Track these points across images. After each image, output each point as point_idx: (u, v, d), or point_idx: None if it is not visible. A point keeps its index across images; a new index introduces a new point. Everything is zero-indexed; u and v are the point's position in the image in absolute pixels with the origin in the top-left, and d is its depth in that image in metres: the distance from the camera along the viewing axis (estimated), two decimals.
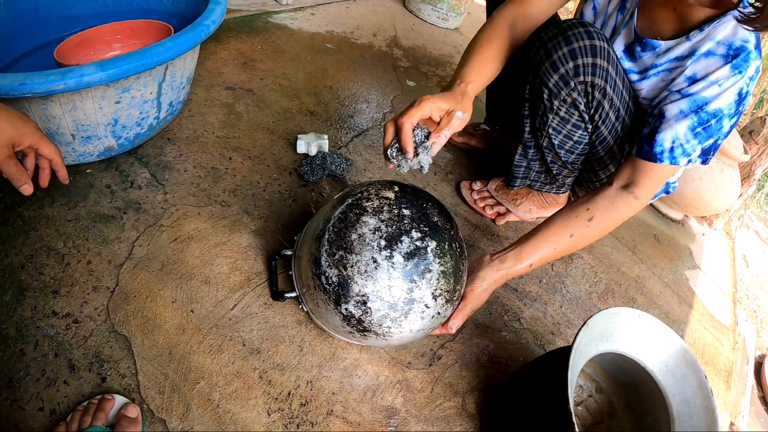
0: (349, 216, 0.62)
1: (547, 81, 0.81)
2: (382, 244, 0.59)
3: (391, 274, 0.59)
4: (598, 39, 0.75)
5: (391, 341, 0.65)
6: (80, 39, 0.95)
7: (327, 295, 0.62)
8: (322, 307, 0.65)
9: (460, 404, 0.76)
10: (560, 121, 0.86)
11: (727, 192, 1.41)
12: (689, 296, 1.27)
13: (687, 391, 0.70)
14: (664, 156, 0.74)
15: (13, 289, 0.66)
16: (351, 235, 0.61)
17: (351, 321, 0.62)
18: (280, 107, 1.17)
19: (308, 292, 0.68)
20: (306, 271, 0.66)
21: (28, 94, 0.65)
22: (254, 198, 0.92)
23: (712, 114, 0.71)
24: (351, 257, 0.60)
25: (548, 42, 0.79)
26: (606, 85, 0.78)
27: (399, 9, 2.02)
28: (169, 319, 0.70)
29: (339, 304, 0.62)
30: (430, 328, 0.66)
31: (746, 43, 0.70)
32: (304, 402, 0.68)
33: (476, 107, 1.55)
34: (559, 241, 0.74)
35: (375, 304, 0.60)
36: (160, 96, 0.87)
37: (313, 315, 0.72)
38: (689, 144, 0.73)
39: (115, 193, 0.83)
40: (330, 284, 0.61)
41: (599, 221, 0.75)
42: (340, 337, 0.71)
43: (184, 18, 1.04)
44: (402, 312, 0.60)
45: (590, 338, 0.68)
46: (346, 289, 0.60)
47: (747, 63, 0.70)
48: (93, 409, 0.57)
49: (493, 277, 0.73)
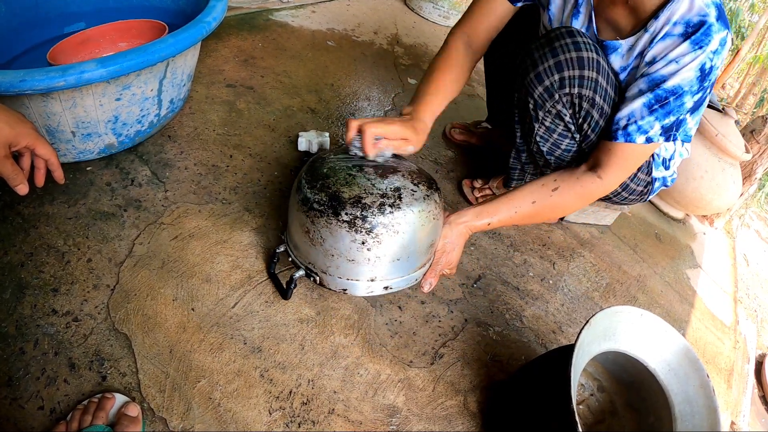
0: (315, 163, 0.70)
1: (532, 92, 0.80)
2: (352, 164, 0.69)
3: (370, 178, 0.67)
4: (587, 50, 0.74)
5: (405, 236, 0.66)
6: (73, 42, 0.94)
7: (325, 216, 0.64)
8: (328, 240, 0.65)
9: (461, 403, 0.76)
10: (546, 131, 0.86)
11: (729, 191, 1.41)
12: (690, 295, 1.27)
13: (689, 390, 0.69)
14: (618, 133, 0.75)
15: (12, 287, 0.66)
16: (323, 168, 0.68)
17: (356, 223, 0.63)
18: (281, 105, 1.16)
19: (309, 244, 0.68)
20: (299, 225, 0.68)
21: (29, 91, 0.64)
22: (255, 196, 0.92)
23: (670, 91, 0.71)
24: (330, 179, 0.66)
25: (534, 52, 0.79)
26: (595, 95, 0.77)
27: (400, 7, 2.01)
28: (170, 318, 0.69)
29: (338, 214, 0.63)
30: (429, 213, 0.68)
31: (705, 16, 0.68)
32: (305, 401, 0.67)
33: (477, 105, 1.55)
34: (521, 206, 0.77)
35: (368, 198, 0.64)
36: (161, 93, 0.86)
37: (325, 274, 0.70)
38: (644, 120, 0.73)
39: (116, 191, 0.82)
40: (323, 204, 0.64)
41: (562, 194, 0.78)
42: (360, 276, 0.69)
43: (184, 15, 1.04)
44: (395, 197, 0.66)
45: (593, 337, 0.68)
46: (337, 199, 0.64)
47: (708, 37, 0.67)
48: (93, 408, 0.57)
49: (455, 232, 0.75)
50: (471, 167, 1.25)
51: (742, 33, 2.89)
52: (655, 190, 0.97)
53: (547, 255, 1.11)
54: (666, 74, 0.71)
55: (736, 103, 3.17)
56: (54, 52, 0.89)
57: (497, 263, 1.02)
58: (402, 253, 0.67)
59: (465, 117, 1.42)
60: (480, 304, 0.92)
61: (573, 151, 0.88)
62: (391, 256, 0.66)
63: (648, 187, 0.95)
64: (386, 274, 0.69)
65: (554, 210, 0.79)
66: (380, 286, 0.70)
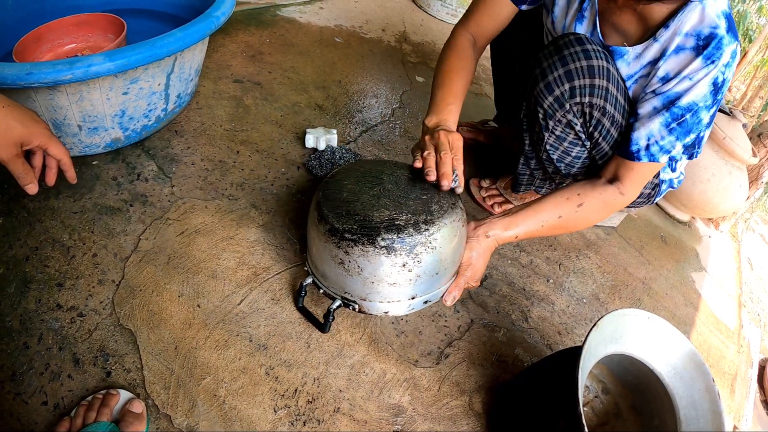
0: (329, 188, 0.67)
1: (542, 102, 0.79)
2: (367, 182, 0.68)
3: (393, 194, 0.66)
4: (597, 58, 0.73)
5: (442, 250, 0.64)
6: (31, 38, 0.92)
7: (360, 245, 0.61)
8: (366, 269, 0.62)
9: (467, 403, 0.75)
10: (556, 139, 0.85)
11: (735, 195, 1.40)
12: (695, 298, 1.27)
13: (694, 393, 0.69)
14: (641, 154, 0.74)
15: (17, 282, 0.65)
16: (342, 193, 0.66)
17: (395, 248, 0.60)
18: (289, 101, 1.16)
19: (345, 274, 0.65)
20: (329, 257, 0.65)
21: (35, 84, 0.64)
22: (262, 192, 0.91)
23: (686, 108, 0.70)
24: (354, 204, 0.65)
25: (543, 61, 0.77)
26: (606, 103, 0.76)
27: (408, 4, 2.00)
28: (176, 314, 0.69)
29: (374, 241, 0.60)
30: (458, 222, 0.67)
31: (715, 29, 0.67)
32: (310, 399, 0.67)
33: (485, 104, 1.54)
34: (548, 220, 0.77)
35: (400, 219, 0.63)
36: (168, 88, 0.86)
37: (365, 301, 0.67)
38: (665, 140, 0.73)
39: (122, 186, 0.82)
40: (355, 233, 0.61)
41: (587, 209, 0.78)
42: (401, 296, 0.67)
43: (193, 9, 1.03)
44: (425, 213, 0.64)
45: (600, 339, 0.67)
46: (369, 225, 0.62)
47: (720, 50, 0.67)
48: (98, 404, 0.56)
49: (483, 245, 0.74)
50: (478, 166, 1.25)
51: (749, 36, 2.87)
52: (662, 192, 0.97)
53: (553, 256, 1.11)
54: (680, 91, 0.70)
55: (743, 105, 3.16)
56: (16, 51, 0.87)
57: (504, 264, 1.02)
58: (440, 267, 0.66)
59: (473, 116, 1.41)
60: (486, 304, 0.91)
61: (583, 158, 0.88)
62: (430, 272, 0.65)
63: (655, 190, 0.95)
64: (425, 290, 0.67)
65: (577, 223, 0.79)
66: (420, 301, 0.68)
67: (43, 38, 0.95)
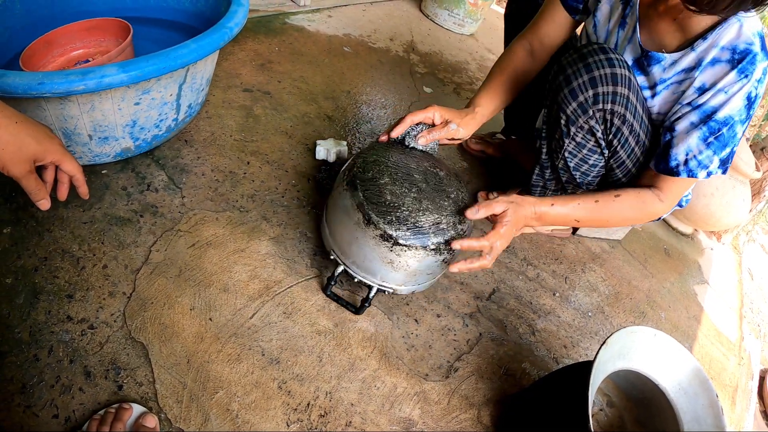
0: (371, 191, 0.70)
1: (565, 108, 0.80)
2: (405, 178, 0.74)
3: (431, 194, 0.74)
4: (620, 66, 0.75)
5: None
6: (40, 43, 0.90)
7: (413, 249, 0.68)
8: (413, 266, 0.71)
9: (475, 416, 0.76)
10: (576, 146, 0.86)
11: (738, 208, 1.42)
12: (697, 311, 1.28)
13: (698, 409, 0.70)
14: (680, 169, 0.76)
15: (26, 292, 0.65)
16: (386, 196, 0.70)
17: (440, 248, 0.70)
18: (299, 111, 1.16)
19: (391, 269, 0.72)
20: (379, 258, 0.71)
21: (47, 94, 0.63)
22: (273, 204, 0.91)
23: (723, 122, 0.72)
24: (403, 209, 0.69)
25: (567, 68, 0.78)
26: (626, 111, 0.78)
27: (415, 13, 2.01)
28: (188, 327, 0.69)
29: (426, 246, 0.68)
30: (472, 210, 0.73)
31: (750, 45, 0.69)
32: (323, 413, 0.67)
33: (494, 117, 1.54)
34: (584, 201, 0.79)
35: (443, 221, 0.71)
36: (180, 98, 0.85)
37: (401, 286, 0.76)
38: (703, 155, 0.74)
39: (132, 196, 0.81)
40: (409, 239, 0.68)
41: (624, 200, 0.80)
42: (431, 280, 0.79)
43: (203, 18, 1.03)
44: (459, 211, 0.73)
45: (609, 356, 0.68)
46: (420, 230, 0.68)
47: (753, 66, 0.69)
48: (110, 418, 0.56)
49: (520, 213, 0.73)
50: (486, 179, 1.25)
51: None
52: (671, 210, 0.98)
53: (559, 269, 1.11)
54: (716, 105, 0.72)
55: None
56: (25, 57, 0.86)
57: (511, 277, 1.02)
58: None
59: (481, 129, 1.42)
60: (494, 318, 0.92)
61: (599, 167, 0.88)
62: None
63: None
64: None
65: (613, 213, 0.80)
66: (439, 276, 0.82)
67: (54, 43, 0.94)
